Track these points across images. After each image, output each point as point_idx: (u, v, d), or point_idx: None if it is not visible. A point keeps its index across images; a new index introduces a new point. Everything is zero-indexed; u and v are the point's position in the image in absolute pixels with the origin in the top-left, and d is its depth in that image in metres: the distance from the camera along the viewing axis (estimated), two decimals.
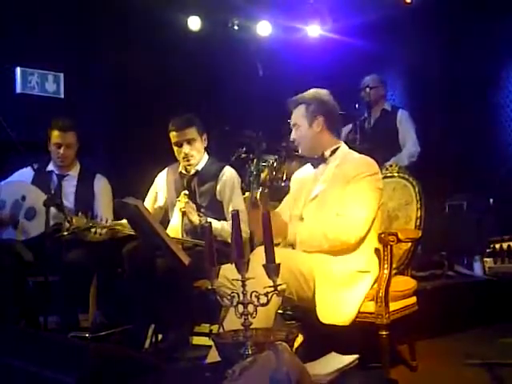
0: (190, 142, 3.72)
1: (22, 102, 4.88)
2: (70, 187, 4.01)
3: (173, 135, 3.74)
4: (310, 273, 2.80)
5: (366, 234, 2.92)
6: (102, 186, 4.07)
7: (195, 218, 3.60)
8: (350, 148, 3.20)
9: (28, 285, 3.77)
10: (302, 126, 3.14)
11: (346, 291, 2.84)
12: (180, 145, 3.73)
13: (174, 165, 3.91)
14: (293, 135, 3.21)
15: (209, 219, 3.53)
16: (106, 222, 3.61)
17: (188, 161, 3.74)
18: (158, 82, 5.29)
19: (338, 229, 2.88)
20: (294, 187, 3.33)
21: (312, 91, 3.20)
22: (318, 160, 3.16)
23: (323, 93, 3.19)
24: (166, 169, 3.95)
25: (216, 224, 3.56)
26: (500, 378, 2.98)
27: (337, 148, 3.13)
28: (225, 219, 3.70)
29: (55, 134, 3.96)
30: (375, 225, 3.01)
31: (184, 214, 3.61)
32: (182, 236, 3.62)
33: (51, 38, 4.89)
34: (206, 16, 5.69)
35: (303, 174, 3.30)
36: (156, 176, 3.97)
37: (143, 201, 3.75)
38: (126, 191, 3.93)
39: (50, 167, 4.05)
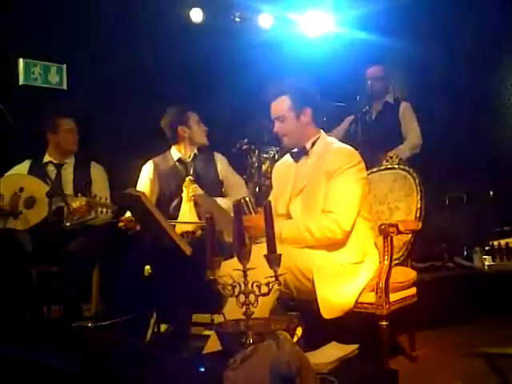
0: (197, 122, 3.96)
1: (25, 94, 4.88)
2: (68, 175, 4.10)
3: (193, 116, 3.94)
4: (306, 266, 2.80)
5: (352, 227, 2.89)
6: (98, 173, 4.17)
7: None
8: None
9: (31, 275, 3.80)
10: (288, 118, 3.01)
11: (342, 285, 2.86)
12: (190, 125, 3.92)
13: (158, 157, 3.99)
14: (277, 128, 3.07)
15: (218, 199, 3.66)
16: (106, 199, 3.69)
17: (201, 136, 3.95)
18: (159, 73, 5.29)
19: (323, 227, 2.85)
20: (276, 184, 3.24)
21: (293, 80, 3.04)
22: (299, 152, 3.08)
23: (307, 81, 3.06)
24: (150, 162, 3.98)
25: (224, 202, 3.64)
26: (499, 368, 2.99)
27: (317, 139, 3.05)
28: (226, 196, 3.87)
29: (65, 121, 4.04)
30: (363, 214, 2.99)
31: (194, 198, 3.69)
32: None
33: (54, 29, 4.87)
34: (208, 8, 5.68)
35: (284, 170, 3.19)
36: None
37: None
38: (127, 182, 3.97)
39: (47, 158, 4.09)
